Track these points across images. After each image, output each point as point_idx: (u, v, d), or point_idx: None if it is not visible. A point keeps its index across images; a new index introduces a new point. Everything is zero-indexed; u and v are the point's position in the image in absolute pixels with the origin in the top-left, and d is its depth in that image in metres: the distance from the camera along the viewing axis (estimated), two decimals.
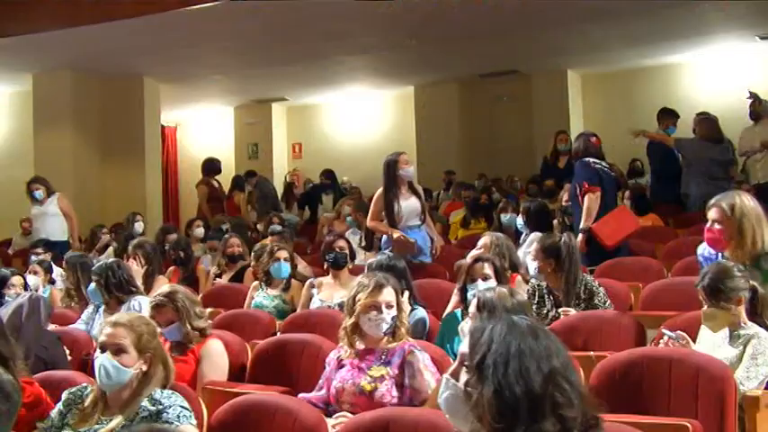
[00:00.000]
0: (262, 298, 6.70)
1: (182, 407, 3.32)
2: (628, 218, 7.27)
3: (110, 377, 3.36)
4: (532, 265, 5.35)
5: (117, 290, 5.96)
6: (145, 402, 3.28)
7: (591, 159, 7.16)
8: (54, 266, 8.31)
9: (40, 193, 10.34)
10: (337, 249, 6.40)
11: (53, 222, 10.39)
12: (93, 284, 6.02)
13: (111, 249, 9.76)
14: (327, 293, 6.23)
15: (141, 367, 3.39)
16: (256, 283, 6.91)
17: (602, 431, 2.08)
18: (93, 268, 6.21)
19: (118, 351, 3.37)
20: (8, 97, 14.68)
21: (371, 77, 14.58)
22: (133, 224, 10.27)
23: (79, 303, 6.69)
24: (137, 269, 6.85)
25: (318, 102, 16.37)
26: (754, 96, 9.89)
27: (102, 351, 3.41)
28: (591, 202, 6.87)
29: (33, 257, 8.81)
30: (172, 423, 3.24)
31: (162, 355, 3.52)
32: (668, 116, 10.49)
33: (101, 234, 10.60)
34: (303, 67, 13.24)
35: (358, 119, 16.14)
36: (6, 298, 6.20)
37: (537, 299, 5.26)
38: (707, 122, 9.60)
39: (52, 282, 7.94)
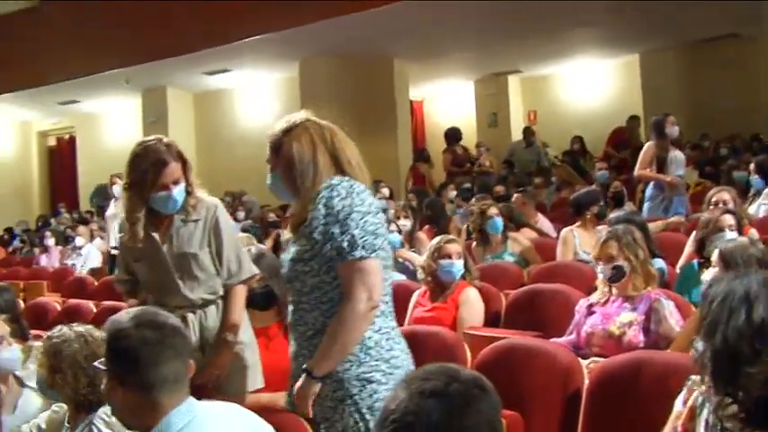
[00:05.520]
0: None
1: None
2: None
3: None
4: None
5: None
6: None
7: None
8: None
9: None
10: (601, 204, 6.53)
11: None
12: None
13: None
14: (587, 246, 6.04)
15: None
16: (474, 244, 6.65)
17: None
18: None
19: None
20: (276, 82, 15.41)
21: (598, 48, 14.26)
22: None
23: None
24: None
25: (550, 72, 16.13)
26: None
27: None
28: None
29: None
30: None
31: None
32: None
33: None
34: (535, 41, 13.09)
35: (587, 86, 15.77)
36: None
37: None
38: None
39: None
